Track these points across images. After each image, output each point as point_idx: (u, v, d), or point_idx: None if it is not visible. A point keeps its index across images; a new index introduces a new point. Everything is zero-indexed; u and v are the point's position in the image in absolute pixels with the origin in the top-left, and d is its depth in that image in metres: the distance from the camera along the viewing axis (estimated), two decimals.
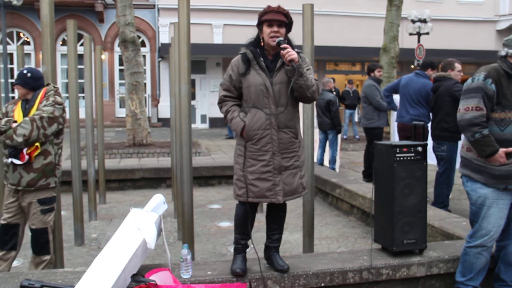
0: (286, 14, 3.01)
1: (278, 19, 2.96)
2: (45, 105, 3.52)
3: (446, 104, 5.45)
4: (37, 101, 3.57)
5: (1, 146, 3.70)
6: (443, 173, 5.63)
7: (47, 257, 3.65)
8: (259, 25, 3.04)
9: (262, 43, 3.04)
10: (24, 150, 3.45)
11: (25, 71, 3.62)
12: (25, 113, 3.53)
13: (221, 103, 3.16)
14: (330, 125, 8.36)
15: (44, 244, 3.62)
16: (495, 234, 3.17)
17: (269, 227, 3.24)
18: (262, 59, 3.01)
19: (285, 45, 2.90)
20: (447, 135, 5.48)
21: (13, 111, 3.60)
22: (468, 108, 3.07)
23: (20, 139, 3.37)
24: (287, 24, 3.02)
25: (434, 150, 5.63)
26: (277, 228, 3.22)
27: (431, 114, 6.10)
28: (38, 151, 3.50)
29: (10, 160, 3.47)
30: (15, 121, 3.48)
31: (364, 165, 8.21)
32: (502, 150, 3.02)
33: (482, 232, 3.18)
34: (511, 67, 3.08)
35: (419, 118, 6.23)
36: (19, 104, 3.63)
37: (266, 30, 2.97)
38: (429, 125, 5.85)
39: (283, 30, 2.99)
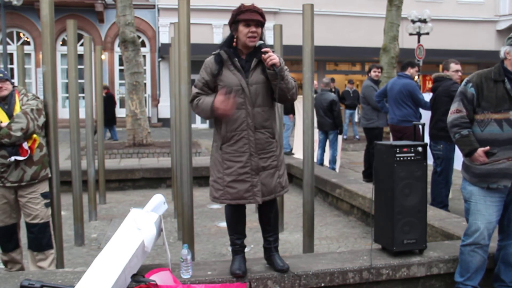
0: (261, 13, 2.95)
1: (255, 19, 2.90)
2: (28, 100, 3.61)
3: (444, 103, 5.46)
4: (17, 99, 3.60)
5: None
6: (441, 173, 5.65)
7: (52, 251, 3.70)
8: (234, 24, 2.97)
9: (234, 43, 2.99)
10: (24, 145, 3.47)
11: (2, 69, 3.73)
12: (8, 112, 3.52)
13: (193, 99, 3.05)
14: (332, 125, 8.35)
15: (49, 238, 3.68)
16: (485, 231, 3.18)
17: (264, 230, 3.22)
18: (236, 59, 2.96)
19: (266, 49, 2.86)
20: (444, 135, 5.49)
21: None
22: (452, 112, 3.27)
23: (18, 133, 3.41)
24: (262, 23, 2.97)
25: (431, 149, 5.66)
26: (271, 229, 3.19)
27: (428, 112, 6.17)
28: (38, 142, 3.55)
29: (13, 158, 3.46)
30: (0, 121, 3.46)
31: (364, 165, 8.21)
32: (480, 149, 3.11)
33: (472, 229, 3.23)
34: (499, 71, 3.16)
35: (406, 118, 6.46)
36: None
37: (243, 30, 2.91)
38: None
39: (259, 30, 2.94)
